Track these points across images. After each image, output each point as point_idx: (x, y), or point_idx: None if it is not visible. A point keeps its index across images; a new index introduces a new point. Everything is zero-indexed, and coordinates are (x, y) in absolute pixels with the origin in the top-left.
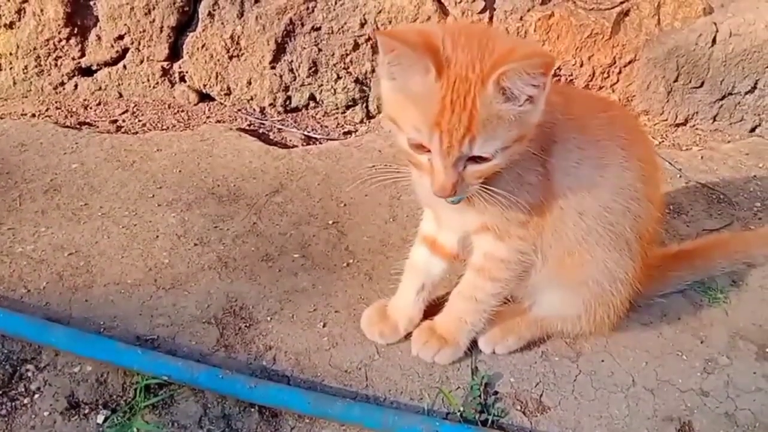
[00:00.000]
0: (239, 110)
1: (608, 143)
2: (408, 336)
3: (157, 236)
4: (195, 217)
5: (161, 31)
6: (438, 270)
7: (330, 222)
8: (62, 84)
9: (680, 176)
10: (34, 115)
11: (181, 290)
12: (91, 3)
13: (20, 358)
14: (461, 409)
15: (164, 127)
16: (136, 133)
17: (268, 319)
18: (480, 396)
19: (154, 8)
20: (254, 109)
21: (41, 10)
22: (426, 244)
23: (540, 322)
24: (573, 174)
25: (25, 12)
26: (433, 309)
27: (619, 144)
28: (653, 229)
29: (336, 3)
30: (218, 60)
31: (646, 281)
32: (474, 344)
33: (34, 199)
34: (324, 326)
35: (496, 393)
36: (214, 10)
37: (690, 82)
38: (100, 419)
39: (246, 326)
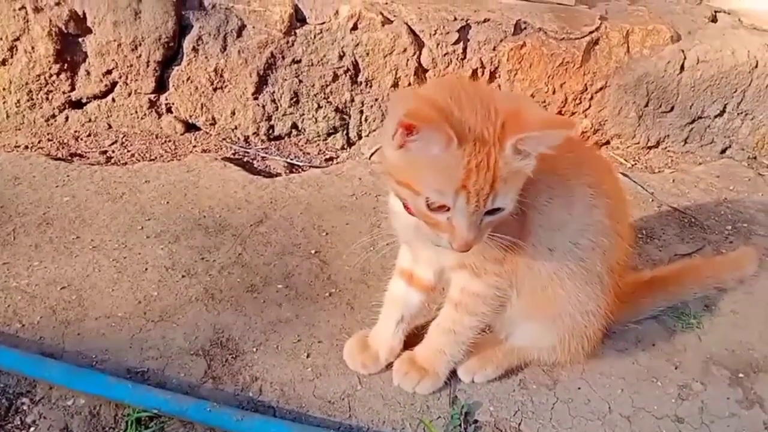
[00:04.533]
0: (224, 139)
1: (576, 182)
2: (389, 366)
3: (146, 269)
4: (182, 248)
5: (148, 66)
6: (416, 301)
7: (312, 251)
8: (53, 116)
9: (652, 200)
10: (27, 147)
11: (169, 322)
12: (80, 40)
13: (16, 392)
14: None
15: (152, 157)
16: (125, 163)
17: (254, 350)
18: (460, 425)
19: (140, 44)
20: (238, 138)
21: (32, 48)
22: (403, 278)
23: (517, 352)
24: (543, 212)
25: (17, 49)
26: (412, 338)
27: (586, 182)
28: (624, 262)
29: (315, 37)
30: (203, 92)
31: (620, 308)
32: (453, 373)
33: (28, 233)
34: (308, 357)
35: (476, 422)
36: (198, 45)
37: (660, 106)
38: None
39: (232, 357)
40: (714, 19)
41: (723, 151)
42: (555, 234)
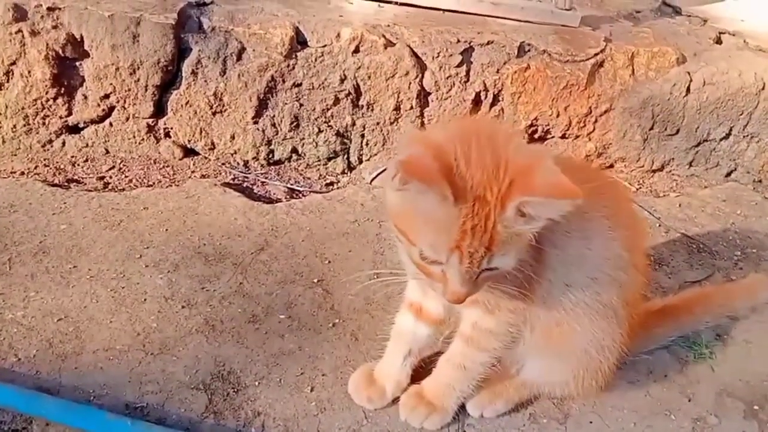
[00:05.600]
0: (223, 164)
1: (594, 215)
2: (396, 400)
3: (145, 299)
4: (182, 278)
5: (146, 90)
6: (424, 335)
7: (315, 280)
8: (50, 142)
9: (659, 225)
10: (23, 173)
11: (169, 355)
12: (77, 64)
13: (11, 429)
14: None
15: (150, 183)
16: (123, 189)
17: (256, 383)
18: None
19: (138, 68)
20: (238, 163)
21: (29, 72)
22: (411, 311)
23: (528, 386)
24: (561, 247)
25: (13, 74)
26: (418, 370)
27: (604, 214)
28: (639, 294)
29: (316, 60)
30: (202, 116)
31: (632, 339)
32: (462, 407)
33: (24, 262)
34: (311, 391)
35: None
36: (197, 69)
37: (665, 129)
38: None
39: (234, 391)
40: (719, 41)
41: (728, 174)
42: (573, 269)
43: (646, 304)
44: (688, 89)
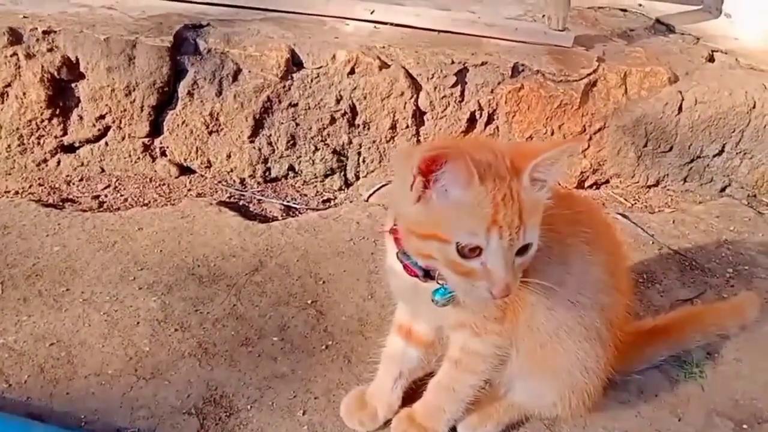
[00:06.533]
0: (220, 182)
1: (573, 240)
2: (387, 423)
3: (138, 322)
4: (175, 300)
5: (142, 110)
6: (414, 357)
7: (309, 301)
8: (45, 161)
9: (653, 242)
10: (17, 193)
11: (161, 379)
12: (73, 85)
13: None
14: None
15: (146, 201)
16: (118, 209)
17: (249, 407)
18: None
19: (134, 89)
20: (234, 181)
21: (24, 93)
22: (401, 334)
23: (517, 407)
24: (541, 271)
25: (8, 95)
26: (410, 392)
27: (583, 240)
28: (622, 315)
29: (312, 81)
30: (198, 135)
31: (622, 358)
32: (453, 429)
33: (17, 286)
34: (304, 414)
35: None
36: (193, 89)
37: (659, 147)
38: None
39: (226, 416)
40: (711, 59)
41: (722, 190)
42: (553, 293)
43: (637, 323)
44: (680, 108)
